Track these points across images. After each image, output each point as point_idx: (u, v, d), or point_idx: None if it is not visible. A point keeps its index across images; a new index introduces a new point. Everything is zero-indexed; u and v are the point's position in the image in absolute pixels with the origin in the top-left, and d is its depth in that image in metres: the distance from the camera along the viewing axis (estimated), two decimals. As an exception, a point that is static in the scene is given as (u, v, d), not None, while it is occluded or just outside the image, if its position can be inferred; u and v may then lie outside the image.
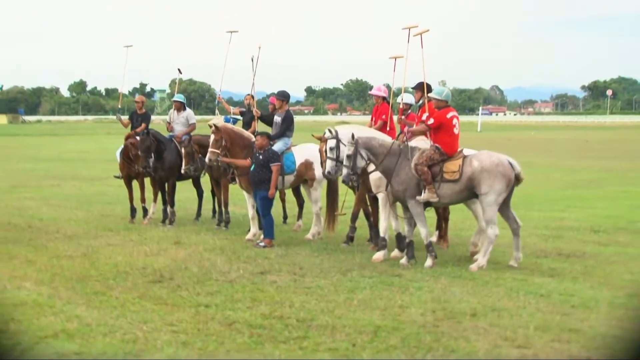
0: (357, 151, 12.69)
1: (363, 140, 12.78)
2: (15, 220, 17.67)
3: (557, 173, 30.80)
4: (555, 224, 17.02)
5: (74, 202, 21.35)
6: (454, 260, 13.01)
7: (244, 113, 17.99)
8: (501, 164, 12.47)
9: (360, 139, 12.75)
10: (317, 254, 13.67)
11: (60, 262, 12.78)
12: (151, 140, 16.99)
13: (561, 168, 33.28)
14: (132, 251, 13.76)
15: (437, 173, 12.51)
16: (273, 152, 14.61)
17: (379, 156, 12.79)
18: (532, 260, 12.89)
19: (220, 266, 12.36)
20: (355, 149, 12.68)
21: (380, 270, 12.23)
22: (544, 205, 20.32)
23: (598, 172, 31.24)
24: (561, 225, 16.86)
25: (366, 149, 12.76)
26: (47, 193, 23.90)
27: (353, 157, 12.69)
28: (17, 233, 15.84)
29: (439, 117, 12.79)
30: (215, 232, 16.09)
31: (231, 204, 17.41)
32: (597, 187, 25.06)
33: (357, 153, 12.70)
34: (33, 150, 48.75)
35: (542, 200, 21.19)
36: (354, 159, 12.70)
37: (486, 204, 12.43)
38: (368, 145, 12.78)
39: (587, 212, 18.90)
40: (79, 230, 16.21)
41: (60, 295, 10.50)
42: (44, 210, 19.62)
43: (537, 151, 46.32)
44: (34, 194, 23.40)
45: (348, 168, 12.72)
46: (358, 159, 12.73)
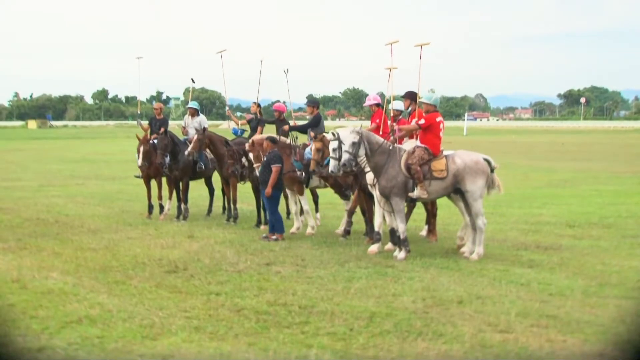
0: (362, 140, 12.68)
1: (366, 134, 12.81)
2: (44, 216, 17.66)
3: (535, 173, 30.77)
4: (533, 219, 16.99)
5: (97, 200, 21.34)
6: (442, 253, 12.99)
7: (252, 120, 18.00)
8: (479, 161, 12.66)
9: (364, 132, 12.81)
10: (317, 246, 13.65)
11: (84, 254, 12.78)
12: (169, 140, 17.05)
13: (539, 169, 33.24)
14: (150, 244, 13.75)
15: (427, 172, 12.54)
16: (275, 154, 14.59)
17: (374, 152, 12.78)
18: (513, 253, 12.87)
19: (229, 258, 12.35)
20: (361, 138, 12.66)
21: (375, 261, 12.21)
22: (524, 202, 20.29)
23: (573, 172, 31.21)
24: (539, 220, 16.83)
25: (368, 142, 12.74)
26: (72, 191, 23.90)
27: (357, 145, 12.65)
28: (45, 227, 15.83)
29: (429, 119, 12.85)
30: (225, 227, 16.07)
31: (239, 201, 17.39)
32: (571, 186, 25.03)
33: (362, 142, 12.69)
34: (60, 153, 48.77)
35: (522, 198, 21.16)
36: (357, 146, 12.65)
37: (472, 199, 12.50)
38: (369, 139, 12.78)
39: (562, 209, 18.87)
40: (102, 225, 16.20)
41: (84, 284, 10.49)
42: (69, 206, 19.61)
43: (517, 153, 46.31)
44: (61, 192, 23.40)
45: (350, 154, 12.64)
46: (361, 147, 12.69)
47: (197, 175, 17.80)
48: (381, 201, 13.21)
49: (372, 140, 12.80)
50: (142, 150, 17.20)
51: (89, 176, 29.86)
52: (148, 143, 17.30)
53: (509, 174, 28.07)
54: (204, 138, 16.48)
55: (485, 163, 12.68)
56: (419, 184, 12.44)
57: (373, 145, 12.77)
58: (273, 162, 14.49)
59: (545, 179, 28.19)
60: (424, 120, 12.84)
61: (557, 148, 54.26)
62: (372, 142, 12.78)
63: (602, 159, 40.47)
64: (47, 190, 24.19)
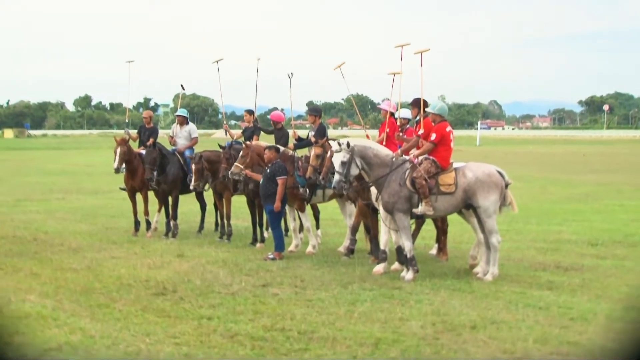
0: (352, 159, 12.67)
1: (359, 149, 12.73)
2: (21, 233, 17.64)
3: (554, 186, 30.75)
4: (553, 237, 16.98)
5: (78, 215, 21.34)
6: (453, 273, 12.98)
7: (246, 129, 17.98)
8: (492, 174, 12.66)
9: (356, 147, 12.72)
10: (318, 266, 13.65)
11: (64, 274, 12.77)
12: (157, 153, 17.07)
13: (558, 181, 33.22)
14: (136, 264, 13.74)
15: (434, 186, 12.52)
16: (280, 166, 14.59)
17: (373, 166, 12.78)
18: (530, 273, 12.86)
19: (222, 279, 12.34)
20: (351, 157, 12.64)
21: (381, 283, 12.21)
22: (542, 218, 20.28)
23: (595, 185, 31.19)
24: (559, 238, 16.82)
25: (361, 157, 12.73)
26: (52, 206, 23.88)
27: (347, 165, 12.64)
28: (23, 246, 15.81)
29: (439, 131, 12.82)
30: (218, 245, 16.07)
31: (233, 217, 17.38)
32: (594, 201, 25.01)
33: (352, 161, 12.68)
34: (38, 164, 48.73)
35: (540, 214, 21.15)
36: (348, 166, 12.66)
37: (485, 215, 12.48)
38: (363, 154, 12.74)
39: (584, 226, 18.86)
40: (83, 243, 16.19)
41: (64, 307, 10.48)
42: (49, 223, 19.60)
43: (534, 165, 46.28)
44: (40, 207, 23.38)
45: (341, 175, 12.65)
46: (352, 166, 12.70)
47: (187, 188, 17.79)
48: (386, 219, 13.21)
49: (368, 153, 12.76)
50: (119, 152, 17.09)
51: (70, 190, 29.83)
52: (126, 144, 17.28)
53: (526, 187, 28.07)
54: (201, 165, 16.39)
55: (499, 176, 12.67)
56: (424, 199, 12.42)
57: (370, 159, 12.75)
58: (279, 174, 14.48)
59: (565, 193, 28.17)
60: (434, 134, 12.79)
61: (578, 159, 54.26)
62: (367, 155, 12.74)
63: (627, 171, 40.44)
64: (24, 205, 24.16)
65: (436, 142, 12.74)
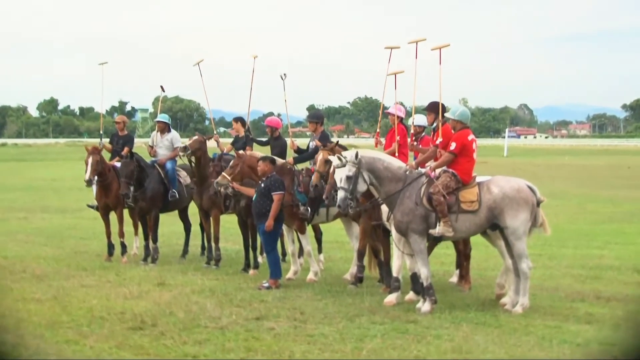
0: (359, 173, 12.69)
1: (366, 161, 12.73)
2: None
3: (594, 204, 30.75)
4: (592, 262, 16.97)
5: (43, 237, 21.36)
6: (477, 305, 12.98)
7: (236, 139, 17.96)
8: (522, 189, 12.60)
9: (364, 159, 12.72)
10: (320, 297, 13.65)
11: (27, 306, 12.77)
12: (134, 165, 17.06)
13: (599, 198, 33.20)
14: (110, 294, 13.75)
15: (454, 203, 12.52)
16: (275, 179, 14.61)
17: (383, 181, 12.78)
18: (566, 305, 12.85)
19: (210, 311, 12.34)
20: (358, 170, 12.66)
21: (393, 315, 12.21)
22: (580, 241, 20.28)
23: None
24: (599, 264, 16.81)
25: (369, 171, 12.73)
26: (12, 227, 23.92)
27: (354, 179, 12.64)
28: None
29: (460, 139, 12.79)
30: (205, 272, 16.08)
31: (222, 239, 17.40)
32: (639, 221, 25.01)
33: (359, 175, 12.70)
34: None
35: (577, 236, 21.15)
36: (354, 181, 12.65)
37: (514, 237, 12.46)
38: (372, 166, 12.75)
39: (629, 249, 18.85)
40: (49, 270, 16.19)
41: (27, 344, 10.46)
42: (9, 246, 19.62)
43: (571, 179, 46.31)
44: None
45: (346, 191, 12.64)
46: (359, 181, 12.69)
47: (169, 206, 17.80)
48: (399, 241, 13.21)
49: (377, 166, 12.76)
50: (91, 162, 17.09)
51: (34, 208, 29.87)
52: (98, 153, 17.30)
53: (561, 205, 28.08)
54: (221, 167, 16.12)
55: (530, 191, 12.66)
56: (443, 218, 12.42)
57: (379, 172, 12.75)
58: (275, 188, 14.50)
59: (606, 211, 28.17)
60: (454, 144, 12.78)
61: (622, 173, 54.23)
62: (376, 168, 12.74)
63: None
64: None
65: (456, 152, 12.74)
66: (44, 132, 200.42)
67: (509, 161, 70.66)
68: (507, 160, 74.03)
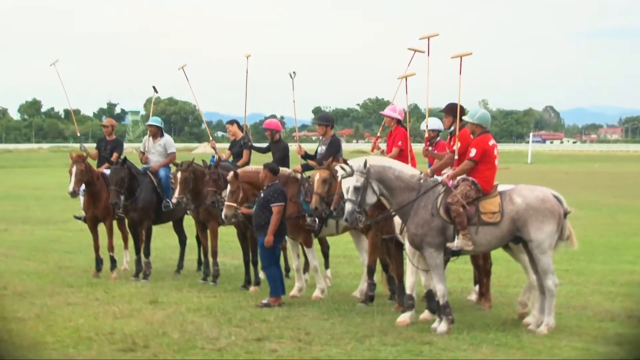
0: (367, 183, 12.69)
1: (376, 170, 12.73)
2: (-47, 273, 17.71)
3: (626, 215, 30.74)
4: (623, 278, 16.98)
5: (24, 251, 21.38)
6: (498, 324, 12.98)
7: (234, 143, 17.98)
8: (547, 199, 12.59)
9: (373, 168, 12.72)
10: (326, 315, 13.68)
11: (7, 325, 12.79)
12: (125, 172, 17.06)
13: (631, 209, 33.19)
14: (98, 312, 13.79)
15: (473, 214, 12.54)
16: (275, 189, 14.61)
17: (395, 191, 12.79)
18: (595, 325, 12.87)
19: (206, 331, 12.37)
20: (366, 181, 12.65)
21: (406, 336, 12.22)
22: (610, 255, 20.28)
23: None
24: (631, 280, 16.82)
25: (379, 181, 12.74)
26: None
27: (362, 190, 12.63)
28: (-45, 289, 15.87)
29: (481, 145, 12.79)
30: (201, 289, 16.11)
31: (221, 253, 17.43)
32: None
33: (368, 185, 12.71)
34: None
35: (607, 250, 21.15)
36: (362, 192, 12.65)
37: (539, 251, 12.45)
38: (381, 176, 12.74)
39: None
40: (32, 286, 16.23)
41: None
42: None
43: (601, 188, 46.23)
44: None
45: (354, 203, 12.64)
46: (368, 192, 12.70)
47: (162, 217, 17.81)
48: (413, 256, 13.23)
49: (388, 175, 12.77)
50: (75, 171, 17.13)
51: (14, 219, 29.87)
52: (83, 161, 17.30)
53: (590, 216, 28.05)
54: (189, 174, 16.39)
55: (556, 201, 12.66)
56: (462, 231, 12.43)
57: (390, 182, 12.76)
58: (273, 199, 14.52)
59: (639, 223, 28.14)
60: (474, 150, 12.77)
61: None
62: (386, 178, 12.75)
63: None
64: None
65: (477, 159, 12.74)
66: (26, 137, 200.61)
67: (533, 168, 70.63)
68: (531, 167, 74.00)
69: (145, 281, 16.96)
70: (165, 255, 19.83)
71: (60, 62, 19.91)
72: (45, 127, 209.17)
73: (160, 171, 17.73)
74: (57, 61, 20.49)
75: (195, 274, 17.91)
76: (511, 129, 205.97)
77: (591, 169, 73.51)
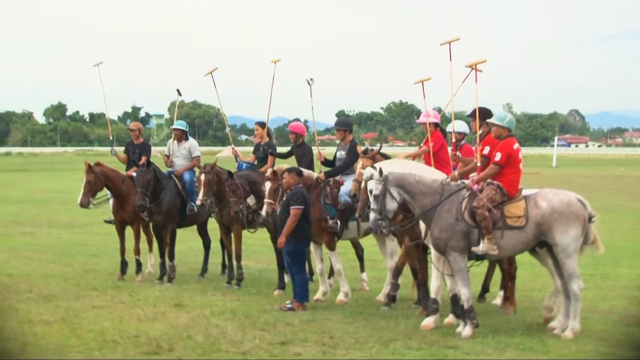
0: (385, 190, 12.67)
1: (395, 177, 12.70)
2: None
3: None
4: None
5: (50, 254, 21.49)
6: (523, 329, 12.94)
7: (257, 147, 18.01)
8: (572, 203, 12.55)
9: (392, 175, 12.69)
10: (350, 319, 13.68)
11: (33, 328, 12.85)
12: (152, 175, 17.11)
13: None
14: (122, 315, 13.84)
15: (499, 219, 12.50)
16: (296, 192, 14.60)
17: (416, 195, 12.75)
18: (621, 329, 12.78)
19: (231, 334, 12.40)
20: (384, 188, 12.64)
21: (431, 340, 12.21)
22: (636, 260, 20.16)
23: None
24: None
25: (398, 187, 12.69)
26: (16, 243, 24.09)
27: (381, 198, 12.64)
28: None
29: (506, 149, 12.74)
30: (225, 292, 16.16)
31: (245, 256, 17.44)
32: (703, 237, 24.82)
33: (387, 192, 12.68)
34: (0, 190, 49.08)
35: (633, 254, 21.03)
36: (382, 199, 12.65)
37: (564, 255, 12.40)
38: (401, 182, 12.71)
39: (691, 269, 18.73)
40: (57, 289, 16.31)
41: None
42: (13, 264, 19.79)
43: (626, 192, 45.96)
44: (1, 244, 23.53)
45: (375, 212, 12.66)
46: (387, 199, 12.68)
47: (186, 221, 17.84)
48: (438, 260, 13.20)
49: (408, 180, 12.74)
50: (84, 182, 17.27)
51: (40, 222, 30.03)
52: (93, 171, 17.34)
53: (616, 220, 27.89)
54: (213, 176, 16.46)
55: (581, 205, 12.62)
56: (487, 235, 12.40)
57: (411, 187, 12.72)
58: (293, 202, 14.52)
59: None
60: (499, 154, 12.73)
61: (683, 185, 53.84)
62: (406, 183, 12.72)
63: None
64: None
65: (502, 163, 12.70)
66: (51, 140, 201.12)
67: (559, 172, 70.36)
68: (557, 171, 73.76)
69: (170, 284, 17.00)
70: (189, 258, 19.87)
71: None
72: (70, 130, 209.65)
73: (185, 175, 17.76)
74: (101, 63, 20.60)
75: (220, 277, 17.95)
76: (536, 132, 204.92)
77: (616, 172, 73.13)
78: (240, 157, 18.60)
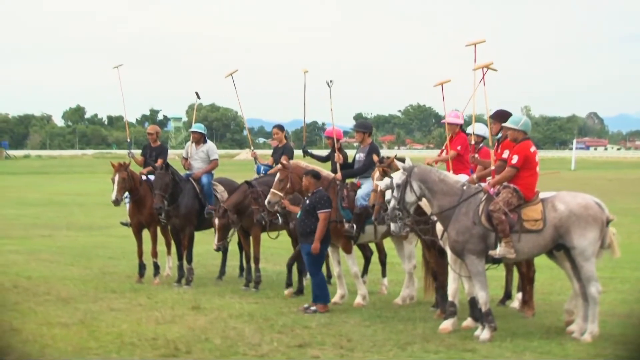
0: (407, 180, 12.68)
1: (420, 170, 12.74)
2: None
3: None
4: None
5: (68, 257, 21.57)
6: (541, 332, 12.90)
7: (276, 149, 18.04)
8: (589, 206, 12.49)
9: (417, 168, 12.74)
10: (368, 322, 13.67)
11: (51, 330, 12.89)
12: (170, 177, 17.16)
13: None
14: (141, 318, 13.87)
15: (516, 222, 12.45)
16: (321, 196, 14.60)
17: (436, 194, 12.73)
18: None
19: (248, 337, 12.41)
20: (406, 179, 12.66)
21: (449, 343, 12.18)
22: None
23: None
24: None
25: (421, 181, 12.69)
26: (35, 245, 24.18)
27: (402, 188, 12.65)
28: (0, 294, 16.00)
29: (522, 152, 12.70)
30: (243, 295, 16.18)
31: (263, 259, 17.45)
32: None
33: (408, 184, 12.69)
34: (19, 193, 49.24)
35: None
36: (402, 190, 12.66)
37: (582, 259, 12.34)
38: (425, 177, 12.72)
39: None
40: (75, 292, 16.37)
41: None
42: (32, 266, 19.86)
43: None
44: (20, 247, 23.67)
45: (395, 200, 12.67)
46: (407, 191, 12.68)
47: (204, 223, 17.85)
48: (455, 263, 13.18)
49: (431, 177, 12.76)
50: (118, 180, 17.26)
51: (58, 225, 30.15)
52: (126, 169, 17.40)
53: (635, 223, 27.75)
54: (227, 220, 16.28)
55: (599, 208, 12.56)
56: (504, 238, 12.36)
57: (433, 184, 12.71)
58: (320, 206, 14.51)
59: (685, 230, 27.82)
60: (516, 156, 12.68)
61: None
62: (429, 179, 12.73)
63: None
64: (1, 243, 24.48)
65: (519, 166, 12.66)
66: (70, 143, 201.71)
67: (577, 175, 70.08)
68: (575, 174, 73.45)
69: (188, 287, 17.02)
70: (207, 261, 19.89)
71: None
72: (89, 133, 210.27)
73: (203, 177, 17.78)
74: (121, 65, 20.63)
75: (237, 280, 17.97)
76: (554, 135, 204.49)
77: (635, 175, 72.83)
78: (260, 160, 18.68)
